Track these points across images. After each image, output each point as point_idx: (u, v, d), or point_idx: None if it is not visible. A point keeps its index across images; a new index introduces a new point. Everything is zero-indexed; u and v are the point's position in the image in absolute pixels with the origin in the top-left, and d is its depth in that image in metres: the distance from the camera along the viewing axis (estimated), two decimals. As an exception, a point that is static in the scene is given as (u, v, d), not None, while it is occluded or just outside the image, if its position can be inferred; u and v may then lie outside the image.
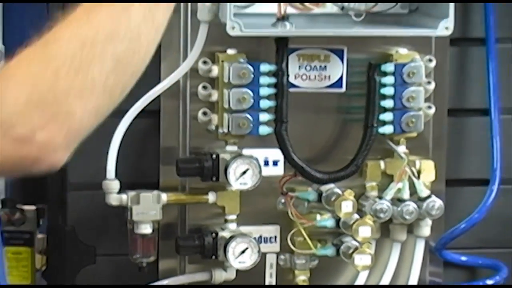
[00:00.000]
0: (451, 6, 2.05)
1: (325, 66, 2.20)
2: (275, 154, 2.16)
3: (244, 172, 2.12)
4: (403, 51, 2.19)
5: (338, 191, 2.19)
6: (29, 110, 1.55)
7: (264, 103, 2.12)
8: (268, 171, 2.16)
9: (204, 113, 2.16)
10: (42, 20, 2.15)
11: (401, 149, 2.22)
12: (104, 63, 1.55)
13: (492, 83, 2.29)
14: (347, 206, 2.17)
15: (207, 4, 2.10)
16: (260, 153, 2.16)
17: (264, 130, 2.13)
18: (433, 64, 2.21)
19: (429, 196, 2.21)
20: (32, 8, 2.56)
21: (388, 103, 2.18)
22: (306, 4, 2.13)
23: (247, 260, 2.17)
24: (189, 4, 2.18)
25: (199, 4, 2.12)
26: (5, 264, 1.93)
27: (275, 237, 2.24)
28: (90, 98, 1.56)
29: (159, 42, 1.83)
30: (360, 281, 2.29)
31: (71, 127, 1.58)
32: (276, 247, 2.25)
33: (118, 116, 2.12)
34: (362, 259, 2.19)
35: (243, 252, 2.16)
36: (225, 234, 2.18)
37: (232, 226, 2.20)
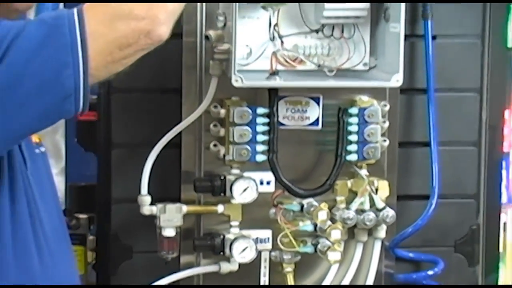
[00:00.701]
0: (401, 64, 2.03)
1: (306, 110, 2.19)
2: (268, 176, 2.17)
3: (244, 190, 2.14)
4: (364, 98, 2.20)
5: (316, 203, 2.19)
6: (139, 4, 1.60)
7: (260, 138, 2.13)
8: (262, 189, 2.17)
9: (215, 145, 2.17)
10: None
11: (363, 172, 2.22)
12: None
13: (431, 122, 2.30)
14: (322, 215, 2.16)
15: (217, 62, 2.11)
16: (257, 175, 2.16)
17: (260, 158, 2.14)
18: (387, 108, 2.22)
19: (384, 208, 2.21)
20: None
21: (353, 138, 2.18)
22: (291, 62, 2.11)
23: (247, 256, 2.18)
24: (203, 62, 2.19)
25: (211, 62, 2.13)
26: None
27: (268, 238, 2.24)
28: None
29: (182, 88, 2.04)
30: (332, 272, 2.27)
31: (167, 8, 1.63)
32: (268, 246, 2.24)
33: (149, 147, 2.15)
34: (333, 255, 2.19)
35: (244, 250, 2.18)
36: (230, 236, 2.19)
37: (236, 230, 2.20)
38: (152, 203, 2.18)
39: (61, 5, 2.38)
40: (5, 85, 1.62)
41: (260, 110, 2.14)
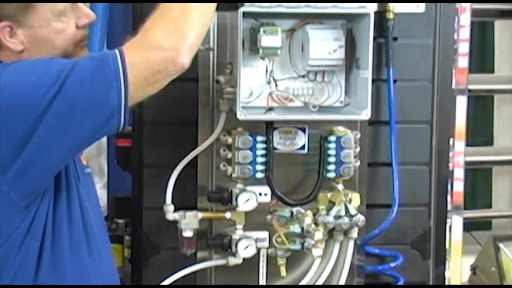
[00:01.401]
0: (369, 102, 2.03)
1: (295, 137, 2.17)
2: (265, 189, 2.16)
3: (247, 200, 2.13)
4: (341, 128, 2.19)
5: (303, 211, 2.19)
6: (168, 35, 1.64)
7: (259, 159, 2.13)
8: (261, 199, 2.15)
9: (224, 165, 2.18)
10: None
11: (340, 186, 2.21)
12: (196, 13, 1.69)
13: (393, 147, 2.30)
14: (308, 220, 2.17)
15: (225, 101, 2.11)
16: (257, 189, 2.15)
17: (259, 175, 2.13)
18: (358, 136, 2.21)
19: (356, 214, 2.20)
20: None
21: (332, 159, 2.17)
22: (283, 100, 2.10)
23: (249, 252, 2.18)
24: (215, 100, 2.19)
25: (221, 101, 2.13)
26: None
27: (265, 238, 2.22)
28: (194, 28, 1.68)
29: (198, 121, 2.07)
30: (316, 264, 2.26)
31: (187, 42, 1.64)
32: (266, 244, 2.22)
33: (172, 167, 2.16)
34: (317, 251, 2.19)
35: (246, 247, 2.17)
36: (236, 236, 2.19)
37: (240, 232, 2.20)
38: (174, 211, 2.18)
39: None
40: (65, 107, 1.64)
41: (259, 138, 2.14)
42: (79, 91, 1.64)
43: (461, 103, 2.53)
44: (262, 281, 2.26)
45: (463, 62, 2.50)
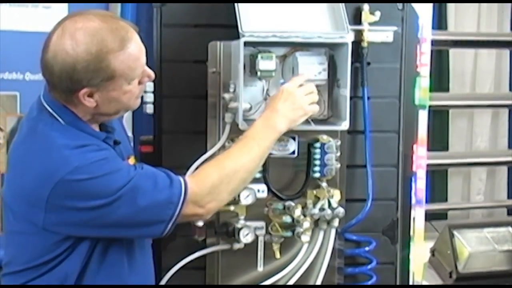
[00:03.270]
0: (347, 115, 2.04)
1: (287, 144, 2.17)
2: (263, 187, 2.13)
3: (248, 195, 2.11)
4: (324, 137, 2.18)
5: (293, 204, 2.19)
6: (208, 194, 1.69)
7: None
8: (259, 195, 2.13)
9: None
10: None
11: (324, 184, 2.20)
12: (238, 179, 1.82)
13: (367, 152, 2.29)
14: (297, 212, 2.17)
15: (230, 114, 2.10)
16: (255, 186, 2.12)
17: (257, 175, 2.10)
18: (339, 143, 2.20)
19: (337, 207, 2.20)
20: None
21: (317, 162, 2.17)
22: None
23: (249, 238, 2.17)
24: (221, 114, 2.16)
25: (226, 114, 2.11)
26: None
27: (263, 227, 2.20)
28: (231, 192, 1.82)
29: (207, 131, 2.08)
30: (304, 248, 2.23)
31: (221, 203, 1.72)
32: (263, 232, 2.20)
33: (187, 168, 2.12)
34: (305, 238, 2.18)
35: (247, 234, 2.17)
36: (238, 225, 2.17)
37: (242, 222, 2.17)
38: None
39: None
40: (121, 218, 1.68)
41: (258, 145, 2.13)
42: (140, 204, 1.69)
43: (423, 116, 2.51)
44: (260, 262, 2.24)
45: (424, 82, 2.50)
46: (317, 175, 2.19)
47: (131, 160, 1.93)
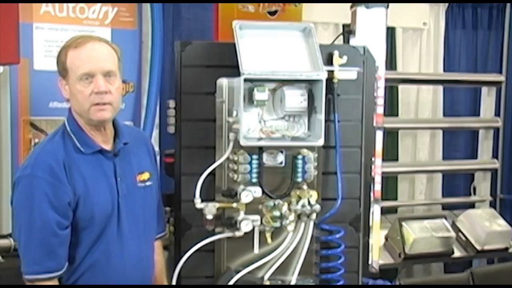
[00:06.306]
0: (322, 134, 2.01)
1: (276, 156, 2.13)
2: (258, 189, 2.08)
3: (246, 195, 2.07)
4: (305, 151, 2.13)
5: (281, 202, 2.14)
6: None
7: (254, 170, 2.08)
8: (255, 195, 2.08)
9: (232, 174, 2.11)
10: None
11: (305, 187, 2.15)
12: None
13: (337, 163, 2.24)
14: (284, 208, 2.13)
15: (233, 134, 2.06)
16: (253, 188, 2.07)
17: (254, 180, 2.08)
18: (316, 155, 2.14)
19: (315, 204, 2.14)
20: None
21: (300, 170, 2.12)
22: (269, 133, 2.05)
23: (248, 228, 2.11)
24: (226, 133, 2.11)
25: (230, 133, 2.07)
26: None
27: (258, 219, 2.13)
28: None
29: (215, 146, 1.99)
30: (289, 236, 2.17)
31: None
32: (258, 223, 2.13)
33: (199, 175, 2.09)
34: (290, 227, 2.14)
35: (246, 225, 2.11)
36: (240, 218, 2.11)
37: (242, 215, 2.11)
38: (201, 202, 2.12)
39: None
40: None
41: (254, 157, 2.09)
42: None
43: (379, 135, 2.53)
44: (256, 246, 2.18)
45: (380, 110, 2.51)
46: (299, 179, 2.15)
47: (144, 176, 1.89)
